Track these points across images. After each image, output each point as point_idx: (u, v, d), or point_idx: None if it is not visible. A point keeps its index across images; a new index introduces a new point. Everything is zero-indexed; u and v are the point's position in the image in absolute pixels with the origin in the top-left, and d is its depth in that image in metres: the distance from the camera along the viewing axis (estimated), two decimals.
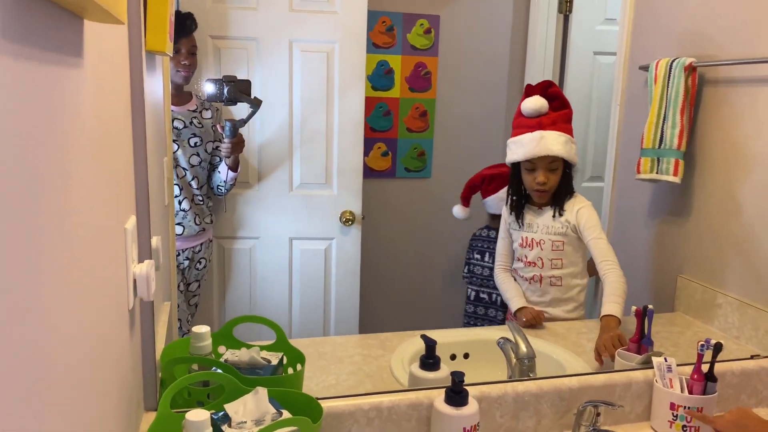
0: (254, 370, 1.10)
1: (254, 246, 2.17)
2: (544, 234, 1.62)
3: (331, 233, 2.23)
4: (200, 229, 1.93)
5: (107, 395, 0.71)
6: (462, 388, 1.07)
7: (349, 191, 2.20)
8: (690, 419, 1.17)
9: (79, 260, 0.60)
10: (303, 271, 2.22)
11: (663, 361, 1.23)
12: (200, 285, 2.00)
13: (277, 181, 2.14)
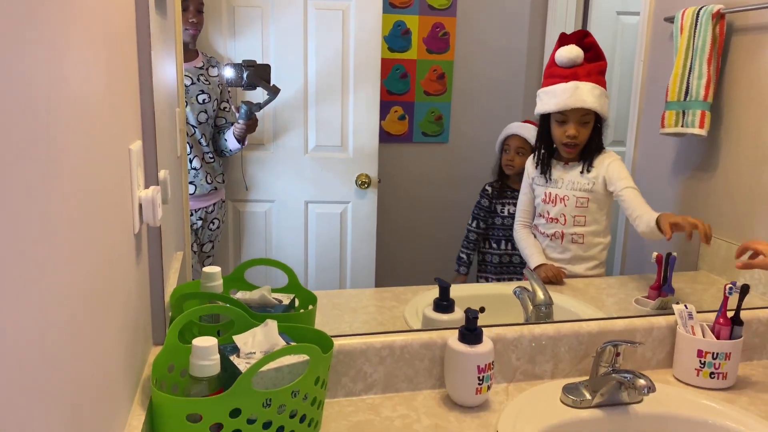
0: (265, 308, 1.09)
1: (270, 209, 2.16)
2: (569, 190, 1.58)
3: (346, 197, 2.21)
4: (212, 188, 1.92)
5: (113, 321, 0.70)
6: (476, 326, 1.04)
7: (364, 154, 2.17)
8: (718, 366, 1.13)
9: (82, 180, 0.59)
10: (319, 235, 2.20)
11: (684, 308, 1.19)
12: (213, 246, 1.99)
13: (292, 144, 2.12)
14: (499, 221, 1.85)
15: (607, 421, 1.05)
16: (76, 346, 0.55)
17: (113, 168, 0.73)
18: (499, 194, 1.87)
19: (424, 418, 1.03)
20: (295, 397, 0.88)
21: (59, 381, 0.51)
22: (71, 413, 0.54)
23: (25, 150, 0.44)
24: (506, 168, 1.85)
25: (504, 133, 1.90)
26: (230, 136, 1.91)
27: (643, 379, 0.98)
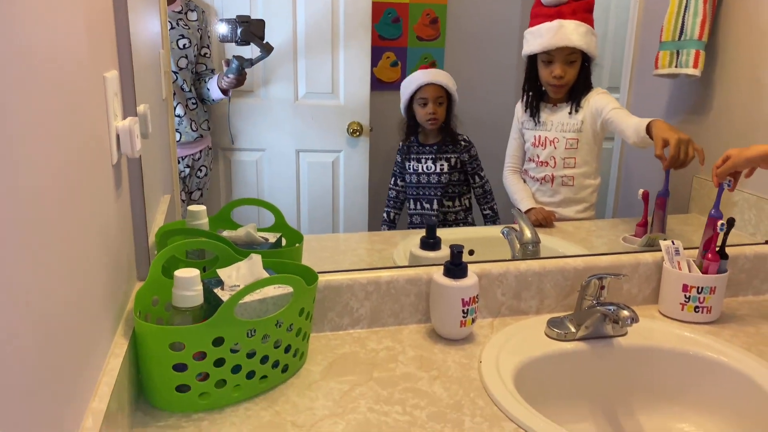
0: (251, 246, 1.09)
1: (260, 158, 2.14)
2: (559, 132, 1.56)
3: (338, 146, 2.18)
4: (198, 136, 1.90)
5: (91, 250, 0.69)
6: (461, 261, 1.05)
7: (356, 101, 2.14)
8: (703, 300, 1.14)
9: (53, 101, 0.58)
10: (311, 184, 2.19)
11: (670, 244, 1.19)
12: (202, 194, 1.98)
13: (282, 91, 2.08)
14: (408, 179, 1.74)
15: (591, 353, 1.06)
16: (49, 272, 0.55)
17: (87, 94, 0.72)
18: (408, 150, 1.76)
19: (408, 350, 1.04)
20: (279, 328, 0.88)
21: (33, 310, 0.51)
22: (48, 343, 0.54)
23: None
24: (429, 123, 1.70)
25: (415, 83, 1.72)
26: (213, 85, 1.88)
27: (627, 310, 0.98)
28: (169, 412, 0.85)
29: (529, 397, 0.93)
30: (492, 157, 1.86)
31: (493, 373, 0.95)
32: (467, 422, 0.84)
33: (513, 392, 0.91)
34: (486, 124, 2.06)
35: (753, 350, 1.06)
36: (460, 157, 1.69)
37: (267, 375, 0.90)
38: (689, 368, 1.05)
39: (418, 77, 1.75)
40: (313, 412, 0.86)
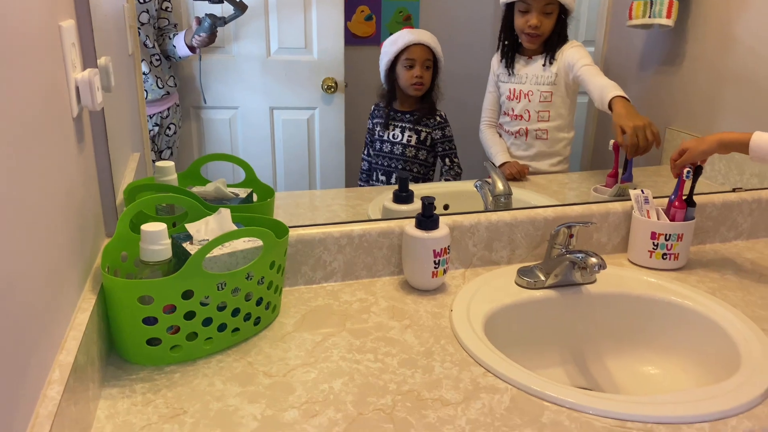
0: (221, 201, 1.08)
1: (233, 116, 2.10)
2: (533, 85, 1.55)
3: (313, 102, 2.15)
4: (164, 93, 1.86)
5: (53, 205, 0.68)
6: (432, 213, 1.05)
7: (330, 57, 2.10)
8: (670, 247, 1.16)
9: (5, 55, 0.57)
10: (286, 142, 2.16)
11: (640, 193, 1.20)
12: (172, 152, 1.95)
13: (254, 47, 2.03)
14: (379, 147, 1.61)
15: (560, 300, 1.08)
16: (8, 226, 0.54)
17: (42, 44, 0.70)
18: (379, 115, 1.63)
19: (381, 301, 1.05)
20: (250, 281, 0.89)
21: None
22: (7, 297, 0.53)
23: None
24: (414, 88, 1.54)
25: (401, 42, 1.58)
26: (179, 42, 1.83)
27: (595, 257, 1.00)
28: (140, 366, 0.85)
29: (500, 343, 0.95)
30: (468, 111, 1.85)
31: (463, 320, 0.97)
32: (437, 368, 0.86)
33: (482, 338, 0.93)
34: (462, 78, 2.04)
35: (717, 295, 1.09)
36: (432, 133, 1.57)
37: (239, 328, 0.90)
38: (656, 313, 1.08)
39: (405, 36, 1.62)
40: (285, 362, 0.87)
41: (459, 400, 0.79)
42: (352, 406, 0.78)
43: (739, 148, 1.06)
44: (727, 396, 0.80)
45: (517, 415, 0.77)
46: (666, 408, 0.78)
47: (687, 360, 1.04)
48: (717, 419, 0.77)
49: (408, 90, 1.55)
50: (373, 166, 1.64)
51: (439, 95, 1.60)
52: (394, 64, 1.60)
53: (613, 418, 0.77)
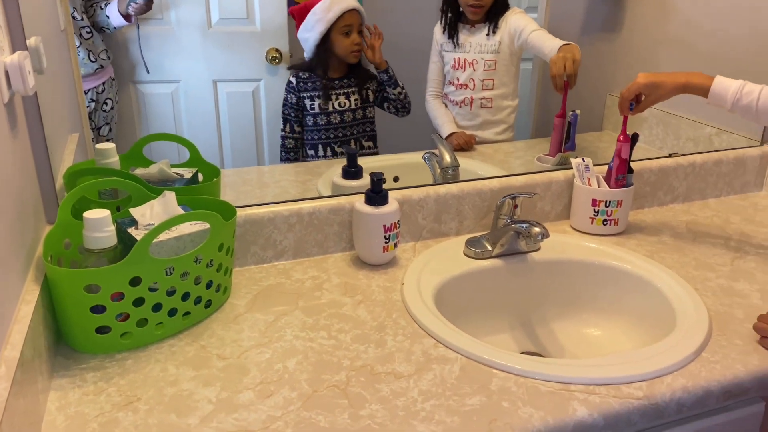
0: (165, 183, 1.06)
1: (176, 90, 2.04)
2: (477, 53, 1.56)
3: (257, 74, 2.10)
4: (98, 67, 1.78)
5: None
6: (381, 188, 1.06)
7: (273, 27, 2.05)
8: (610, 213, 1.21)
9: None
10: (231, 115, 2.11)
11: (581, 162, 1.24)
12: (111, 128, 1.88)
13: (194, 18, 1.97)
14: (312, 121, 1.52)
15: (506, 268, 1.11)
16: None
17: None
18: (309, 87, 1.53)
19: (334, 277, 1.06)
20: (199, 264, 0.88)
21: None
22: None
23: None
24: (354, 55, 1.49)
25: (337, 8, 1.49)
26: (112, 11, 1.75)
27: (538, 227, 1.03)
28: (91, 354, 0.84)
29: (450, 313, 0.97)
30: (413, 83, 1.84)
31: (414, 293, 0.99)
32: (389, 341, 0.88)
33: (433, 310, 0.95)
34: (405, 49, 2.03)
35: (655, 257, 1.15)
36: (371, 87, 1.53)
37: (190, 311, 0.90)
38: (597, 277, 1.13)
39: (339, 2, 1.54)
40: (238, 343, 0.87)
41: (411, 372, 0.82)
42: (307, 384, 0.79)
43: (700, 92, 1.08)
44: (663, 355, 0.85)
45: (467, 383, 0.80)
46: (606, 370, 0.82)
47: (627, 321, 1.09)
48: (654, 378, 0.82)
49: (348, 58, 1.49)
50: (309, 142, 1.54)
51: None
52: (328, 31, 1.51)
53: (557, 382, 0.80)
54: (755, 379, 0.84)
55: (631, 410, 0.77)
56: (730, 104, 1.05)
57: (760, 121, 1.05)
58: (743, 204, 1.41)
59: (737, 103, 1.04)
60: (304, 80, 1.53)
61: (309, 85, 1.52)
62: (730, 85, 1.05)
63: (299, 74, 1.54)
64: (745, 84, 1.05)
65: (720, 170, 1.42)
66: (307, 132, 1.52)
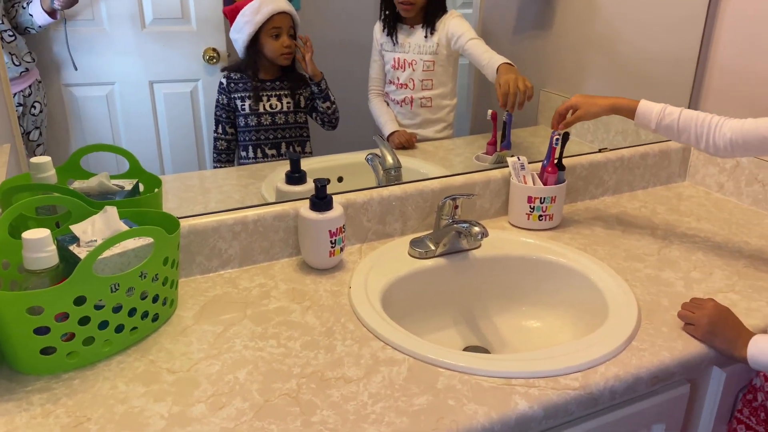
0: (106, 196, 1.05)
1: (110, 92, 1.99)
2: (416, 54, 1.59)
3: (195, 74, 2.07)
4: (23, 70, 1.72)
5: None
6: (326, 194, 1.08)
7: (209, 26, 2.02)
8: (545, 209, 1.26)
9: None
10: (170, 117, 2.07)
11: (516, 160, 1.29)
12: (41, 133, 1.82)
13: (126, 18, 1.92)
14: (244, 122, 1.49)
15: (450, 267, 1.15)
16: None
17: None
18: (241, 88, 1.50)
19: (281, 284, 1.07)
20: (144, 279, 0.88)
21: None
22: None
23: None
24: (285, 57, 1.46)
25: (265, 11, 1.47)
26: (36, 9, 1.68)
27: (478, 227, 1.07)
28: (36, 376, 0.83)
29: (397, 313, 1.00)
30: (355, 80, 1.86)
31: (361, 296, 1.02)
32: (339, 346, 0.90)
33: (380, 312, 0.98)
34: (346, 47, 2.04)
35: (588, 250, 1.21)
36: (304, 92, 1.51)
37: (137, 326, 0.90)
38: (535, 272, 1.18)
39: (268, 5, 1.53)
40: (188, 356, 0.88)
41: (361, 375, 0.84)
42: (258, 394, 0.81)
43: (627, 114, 1.17)
44: (596, 346, 0.90)
45: (414, 384, 0.83)
46: (545, 363, 0.87)
47: (564, 312, 1.15)
48: (588, 368, 0.87)
49: (278, 60, 1.46)
50: (242, 144, 1.52)
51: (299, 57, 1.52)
52: (257, 33, 1.49)
53: (499, 377, 0.85)
54: (680, 364, 0.90)
55: (568, 401, 0.82)
56: (654, 125, 1.14)
57: (681, 139, 1.14)
58: (668, 194, 1.50)
59: (660, 123, 1.14)
60: (235, 81, 1.51)
61: (240, 86, 1.50)
62: (653, 107, 1.14)
63: (231, 75, 1.52)
64: (666, 106, 1.14)
65: (646, 163, 1.50)
66: (239, 133, 1.51)
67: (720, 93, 1.50)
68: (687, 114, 1.13)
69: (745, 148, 1.07)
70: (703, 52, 1.51)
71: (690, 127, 1.12)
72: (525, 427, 0.80)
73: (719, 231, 1.30)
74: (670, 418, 0.97)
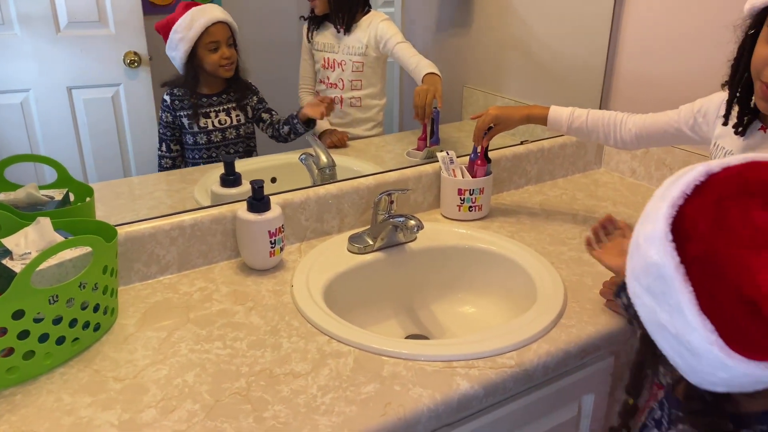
0: (35, 207, 1.02)
1: (25, 99, 1.91)
2: (345, 55, 1.61)
3: (116, 78, 2.01)
4: None
5: None
6: (263, 195, 1.09)
7: (129, 29, 1.97)
8: (475, 200, 1.32)
9: None
10: (91, 124, 2.01)
11: (446, 155, 1.34)
12: None
13: (39, 22, 1.85)
14: (192, 139, 1.41)
15: (388, 260, 1.19)
16: None
17: None
18: (186, 106, 1.41)
19: (222, 287, 1.08)
20: (84, 289, 0.87)
21: None
22: None
23: None
24: (225, 70, 1.39)
25: (197, 26, 1.38)
26: None
27: (413, 220, 1.12)
28: None
29: (340, 308, 1.03)
30: (284, 80, 1.86)
31: (304, 294, 1.04)
32: (285, 343, 0.93)
33: (324, 308, 1.00)
34: (268, 47, 2.04)
35: (516, 237, 1.28)
36: (251, 103, 1.47)
37: (78, 337, 0.88)
38: (468, 260, 1.24)
39: (201, 17, 1.39)
40: (133, 363, 0.88)
41: (308, 370, 0.87)
42: (209, 395, 0.82)
43: (540, 122, 1.26)
44: (529, 326, 0.97)
45: (361, 373, 0.86)
46: (483, 344, 0.92)
47: (497, 297, 1.21)
48: (522, 347, 0.93)
49: (218, 73, 1.39)
50: (191, 161, 1.44)
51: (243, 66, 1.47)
52: (194, 48, 1.40)
53: (441, 361, 0.89)
54: (604, 338, 0.98)
55: (506, 378, 0.88)
56: (565, 128, 1.24)
57: (591, 138, 1.25)
58: (586, 181, 1.60)
59: (571, 125, 1.24)
60: (179, 98, 1.41)
61: (185, 103, 1.40)
62: (562, 112, 1.24)
63: (174, 91, 1.42)
64: (574, 110, 1.24)
65: (565, 153, 1.59)
66: (187, 151, 1.42)
67: (624, 94, 1.62)
68: (594, 115, 1.23)
69: (649, 140, 1.18)
70: (610, 58, 1.61)
71: (598, 126, 1.22)
72: (467, 405, 0.85)
73: (634, 213, 1.40)
74: (598, 388, 1.05)
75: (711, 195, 0.51)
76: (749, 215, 0.49)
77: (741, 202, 0.50)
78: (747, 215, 0.49)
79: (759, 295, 0.47)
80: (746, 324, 0.48)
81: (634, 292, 0.56)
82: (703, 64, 1.39)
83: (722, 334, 0.49)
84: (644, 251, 0.53)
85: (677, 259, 0.50)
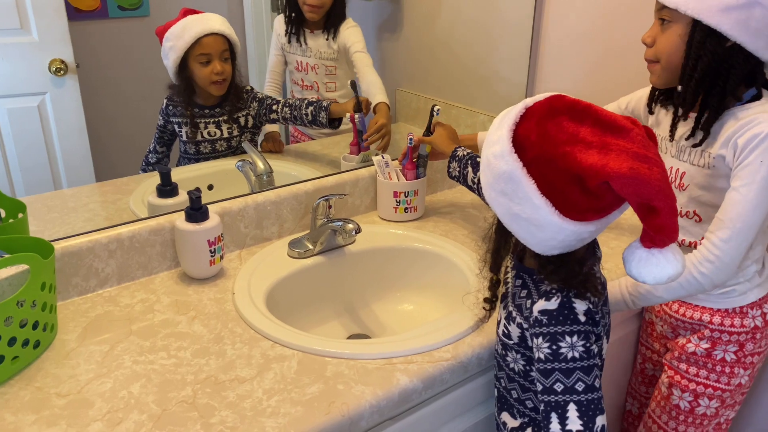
0: None
1: None
2: (318, 59, 1.61)
3: (41, 87, 1.96)
4: None
5: None
6: (201, 205, 1.10)
7: (53, 36, 1.92)
8: (410, 202, 1.37)
9: None
10: (17, 134, 1.95)
11: (381, 159, 1.39)
12: None
13: None
14: (183, 148, 1.40)
15: (328, 263, 1.23)
16: None
17: None
18: (180, 113, 1.37)
19: (164, 297, 1.09)
20: (22, 307, 0.87)
21: None
22: None
23: None
24: (216, 86, 1.33)
25: (187, 36, 1.30)
26: None
27: (351, 224, 1.16)
28: None
29: (283, 313, 1.06)
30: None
31: (246, 300, 1.06)
32: (229, 350, 0.95)
33: (266, 314, 1.03)
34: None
35: (449, 235, 1.33)
36: (249, 111, 1.41)
37: (18, 355, 0.88)
38: (405, 259, 1.29)
39: (193, 27, 1.30)
40: (76, 378, 0.88)
41: (253, 374, 0.89)
42: (155, 405, 0.83)
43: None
44: (463, 320, 1.02)
45: (305, 375, 0.90)
46: (420, 340, 0.97)
47: (433, 293, 1.27)
48: (457, 340, 0.98)
49: (209, 89, 1.33)
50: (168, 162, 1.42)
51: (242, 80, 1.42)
52: (185, 58, 1.31)
53: (381, 358, 0.93)
54: None
55: (443, 371, 0.93)
56: None
57: None
58: None
59: None
60: (174, 105, 1.36)
61: (179, 111, 1.36)
62: None
63: (173, 98, 1.36)
64: None
65: None
66: (181, 158, 1.40)
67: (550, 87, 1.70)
68: None
69: None
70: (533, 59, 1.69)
71: None
72: (407, 399, 0.89)
73: None
74: None
75: (533, 118, 0.72)
76: (562, 125, 0.71)
77: (554, 119, 0.71)
78: (560, 126, 0.71)
79: (583, 171, 0.68)
80: (576, 197, 0.70)
81: (490, 196, 0.76)
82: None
83: (558, 208, 0.70)
84: (494, 165, 0.73)
85: (520, 163, 0.71)
